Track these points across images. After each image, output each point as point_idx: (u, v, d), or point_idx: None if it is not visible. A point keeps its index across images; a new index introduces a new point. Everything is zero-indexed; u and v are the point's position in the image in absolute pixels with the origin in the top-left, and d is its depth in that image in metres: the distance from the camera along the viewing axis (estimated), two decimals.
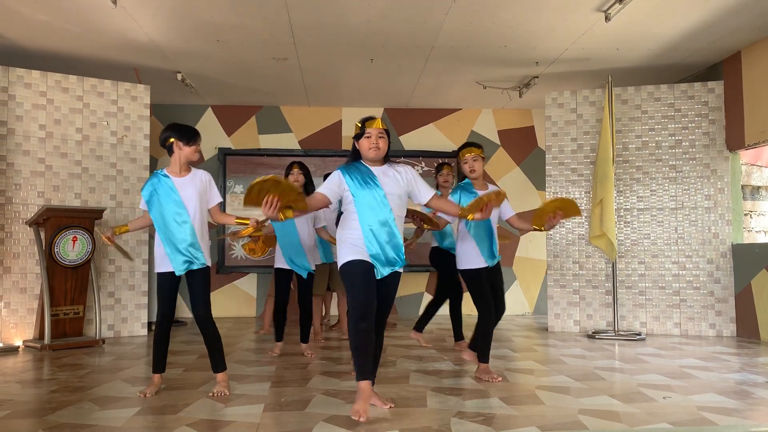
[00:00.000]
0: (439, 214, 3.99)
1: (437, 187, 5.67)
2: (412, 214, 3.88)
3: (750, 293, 6.05)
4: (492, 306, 4.12)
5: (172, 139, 3.69)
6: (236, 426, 3.02)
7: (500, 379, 4.06)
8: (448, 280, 5.39)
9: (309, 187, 5.08)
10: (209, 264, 3.77)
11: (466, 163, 4.20)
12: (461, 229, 4.17)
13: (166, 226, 3.64)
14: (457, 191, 4.19)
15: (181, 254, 3.63)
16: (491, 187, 4.21)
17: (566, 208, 3.92)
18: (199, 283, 3.70)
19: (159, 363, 3.80)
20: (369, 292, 3.16)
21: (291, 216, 3.17)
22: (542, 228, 4.01)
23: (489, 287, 4.13)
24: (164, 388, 3.85)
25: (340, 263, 3.25)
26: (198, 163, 6.76)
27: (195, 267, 3.67)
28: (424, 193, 3.39)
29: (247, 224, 3.76)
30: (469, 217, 3.50)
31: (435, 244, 5.52)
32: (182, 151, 3.70)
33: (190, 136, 3.72)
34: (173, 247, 3.62)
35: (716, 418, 3.13)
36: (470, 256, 4.11)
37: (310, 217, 5.01)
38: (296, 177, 5.09)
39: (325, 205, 3.34)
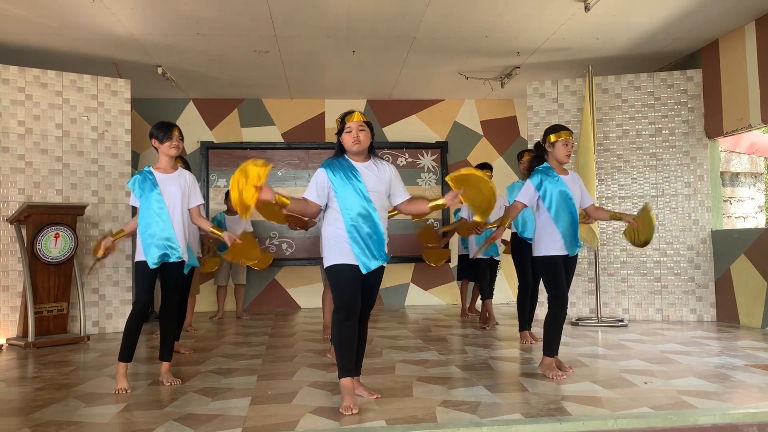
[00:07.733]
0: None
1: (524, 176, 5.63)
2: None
3: (729, 278, 6.15)
4: (565, 297, 3.94)
5: (151, 139, 3.85)
6: (224, 419, 3.04)
7: (564, 377, 3.81)
8: (523, 269, 5.35)
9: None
10: (186, 259, 3.90)
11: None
12: (541, 216, 4.01)
13: (145, 219, 3.76)
14: (537, 175, 4.00)
15: (156, 247, 3.72)
16: (571, 173, 4.09)
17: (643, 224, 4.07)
18: (175, 275, 3.83)
19: (130, 353, 3.74)
20: (354, 292, 3.21)
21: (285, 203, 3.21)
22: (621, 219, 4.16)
23: (564, 277, 3.96)
24: (150, 383, 3.85)
25: (326, 263, 3.28)
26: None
27: (171, 260, 3.78)
28: (400, 195, 3.42)
29: (220, 235, 3.90)
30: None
31: (514, 230, 5.46)
32: (160, 149, 3.84)
33: (164, 133, 3.82)
34: (149, 240, 3.73)
35: (696, 402, 3.19)
36: (548, 243, 3.95)
37: None
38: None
39: (320, 210, 3.32)
